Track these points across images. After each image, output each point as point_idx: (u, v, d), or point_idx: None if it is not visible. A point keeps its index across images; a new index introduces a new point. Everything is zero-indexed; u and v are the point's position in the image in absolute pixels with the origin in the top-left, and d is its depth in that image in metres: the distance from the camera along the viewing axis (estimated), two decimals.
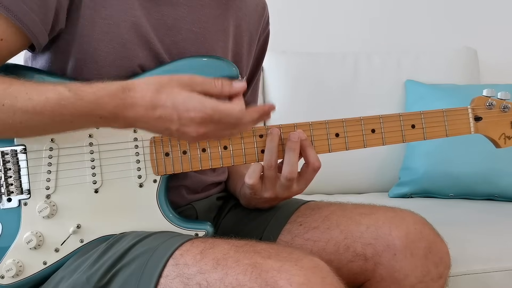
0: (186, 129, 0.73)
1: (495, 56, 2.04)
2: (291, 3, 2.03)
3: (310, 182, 0.88)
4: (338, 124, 0.88)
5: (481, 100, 0.94)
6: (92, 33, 0.82)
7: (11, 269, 0.79)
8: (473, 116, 0.94)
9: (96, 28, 0.81)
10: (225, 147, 0.86)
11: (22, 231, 0.80)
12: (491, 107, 0.94)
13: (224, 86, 0.76)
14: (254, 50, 1.05)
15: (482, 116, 0.94)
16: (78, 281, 0.76)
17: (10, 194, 0.81)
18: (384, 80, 1.81)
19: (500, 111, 0.94)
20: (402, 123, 0.90)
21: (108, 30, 0.82)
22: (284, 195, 0.88)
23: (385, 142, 0.90)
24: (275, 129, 0.87)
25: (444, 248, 0.86)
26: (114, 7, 0.83)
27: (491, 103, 0.94)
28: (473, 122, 0.93)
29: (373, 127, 0.89)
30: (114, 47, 0.83)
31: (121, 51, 0.83)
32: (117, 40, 0.83)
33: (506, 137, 0.94)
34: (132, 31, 0.84)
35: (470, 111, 0.94)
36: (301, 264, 0.67)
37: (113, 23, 0.82)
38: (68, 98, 0.72)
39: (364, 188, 1.77)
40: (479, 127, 0.94)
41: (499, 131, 0.94)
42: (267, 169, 0.85)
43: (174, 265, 0.72)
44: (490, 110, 0.94)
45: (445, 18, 2.09)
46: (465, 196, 1.62)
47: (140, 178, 0.83)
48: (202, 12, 0.92)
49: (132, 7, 0.84)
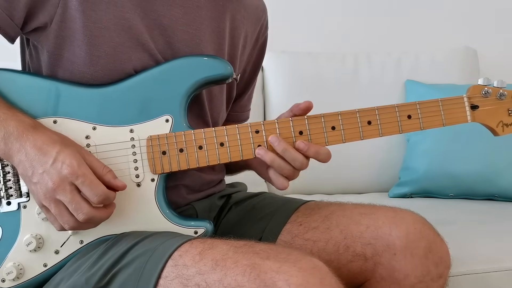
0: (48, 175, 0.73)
1: (495, 56, 2.04)
2: (291, 3, 2.03)
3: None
4: (334, 117, 0.88)
5: (476, 89, 0.93)
6: (83, 36, 0.82)
7: (11, 272, 0.79)
8: (469, 105, 0.92)
9: (86, 31, 0.82)
10: (221, 143, 0.85)
11: (22, 234, 0.80)
12: (487, 95, 0.93)
13: (109, 173, 0.77)
14: (248, 52, 1.05)
15: (478, 105, 0.93)
16: (78, 282, 0.76)
17: (9, 197, 0.81)
18: (384, 80, 1.81)
19: (496, 98, 0.93)
20: (398, 114, 0.90)
21: (99, 34, 0.82)
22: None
23: (381, 134, 0.89)
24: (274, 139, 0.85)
25: (444, 248, 0.86)
26: (103, 11, 0.83)
27: (487, 91, 0.93)
28: (469, 111, 0.92)
29: (369, 119, 0.89)
30: (105, 51, 0.83)
31: (112, 54, 0.83)
32: (108, 44, 0.83)
33: (504, 125, 0.93)
34: (123, 33, 0.84)
35: (466, 100, 0.92)
36: (299, 265, 0.67)
37: (103, 26, 0.82)
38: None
39: (364, 188, 1.76)
40: (476, 115, 0.93)
41: (496, 119, 0.93)
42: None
43: (173, 266, 0.72)
44: (486, 98, 0.93)
45: (445, 18, 2.09)
46: (465, 196, 1.62)
47: (138, 177, 0.83)
48: (198, 13, 0.92)
49: (123, 10, 0.84)
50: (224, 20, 0.96)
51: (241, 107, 1.11)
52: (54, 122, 0.81)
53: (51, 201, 0.74)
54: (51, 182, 0.73)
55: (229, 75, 0.87)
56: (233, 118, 1.11)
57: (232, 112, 1.09)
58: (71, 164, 0.73)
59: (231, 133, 0.86)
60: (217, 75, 0.86)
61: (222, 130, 0.85)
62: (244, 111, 1.13)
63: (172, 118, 0.84)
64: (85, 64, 0.82)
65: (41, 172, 0.74)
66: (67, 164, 0.73)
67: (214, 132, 0.85)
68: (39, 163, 0.74)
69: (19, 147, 0.75)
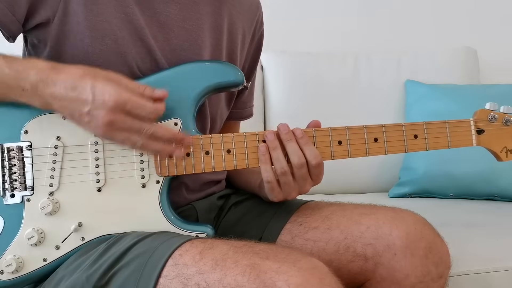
0: (96, 112, 0.74)
1: (495, 56, 2.04)
2: (291, 3, 2.03)
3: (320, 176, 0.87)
4: (341, 132, 0.89)
5: (483, 113, 0.95)
6: (85, 30, 0.82)
7: (11, 265, 0.79)
8: (475, 129, 0.94)
9: (88, 25, 0.82)
10: (228, 150, 0.86)
11: (24, 227, 0.80)
12: (493, 120, 0.94)
13: (146, 88, 0.78)
14: (247, 49, 1.05)
15: (484, 129, 0.94)
16: (78, 280, 0.76)
17: (13, 190, 0.81)
18: (384, 80, 1.81)
19: (502, 124, 0.95)
20: (405, 133, 0.91)
21: (100, 27, 0.83)
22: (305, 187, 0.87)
23: (387, 151, 0.90)
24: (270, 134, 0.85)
25: (444, 248, 0.86)
26: (105, 4, 0.83)
27: (494, 116, 0.94)
28: (475, 135, 0.94)
29: (376, 136, 0.90)
30: (107, 44, 0.83)
31: (113, 47, 0.84)
32: (110, 37, 0.83)
33: (508, 151, 0.95)
34: (124, 28, 0.84)
35: (473, 124, 0.94)
36: (299, 265, 0.67)
37: (105, 20, 0.83)
38: (0, 65, 0.76)
39: (364, 188, 1.77)
40: (481, 139, 0.94)
41: (501, 144, 0.95)
42: (282, 175, 0.85)
43: (173, 265, 0.72)
44: (492, 123, 0.95)
45: (445, 18, 2.09)
46: (465, 196, 1.62)
47: (143, 178, 0.83)
48: (195, 8, 0.92)
49: (124, 4, 0.85)
50: (222, 16, 0.96)
51: (243, 103, 1.11)
52: (63, 117, 0.81)
53: (112, 133, 0.76)
54: (102, 118, 0.74)
55: (240, 82, 0.87)
56: (236, 115, 1.11)
57: (234, 110, 1.09)
58: (111, 94, 0.73)
59: (238, 140, 0.86)
60: (228, 81, 0.87)
61: (229, 137, 0.86)
62: (245, 107, 1.13)
63: (180, 122, 0.84)
64: (88, 58, 0.83)
65: (87, 111, 0.74)
66: (108, 95, 0.73)
67: (222, 138, 0.85)
68: (80, 104, 0.74)
69: (51, 93, 0.75)
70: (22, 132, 0.81)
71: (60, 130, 0.82)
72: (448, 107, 1.64)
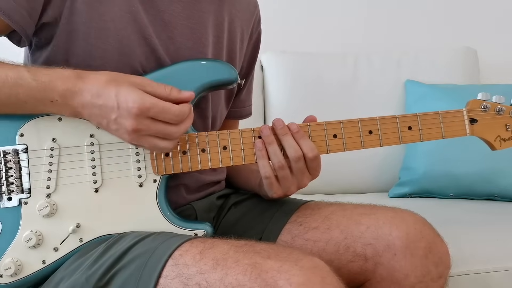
0: (122, 120, 0.74)
1: (495, 56, 2.04)
2: (291, 3, 2.03)
3: (318, 169, 0.88)
4: (336, 126, 0.89)
5: (476, 103, 0.96)
6: (89, 29, 0.82)
7: (9, 268, 0.79)
8: (469, 119, 0.95)
9: (92, 24, 0.82)
10: (224, 147, 0.86)
11: (22, 230, 0.80)
12: (486, 110, 0.95)
13: (172, 90, 0.78)
14: (245, 48, 1.05)
15: (477, 119, 0.95)
16: (78, 281, 0.76)
17: (10, 193, 0.81)
18: (384, 80, 1.81)
19: (494, 113, 0.96)
20: (399, 124, 0.91)
21: (105, 26, 0.83)
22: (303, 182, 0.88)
23: (382, 144, 0.91)
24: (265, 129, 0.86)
25: (444, 248, 0.86)
26: (109, 3, 0.83)
27: (486, 105, 0.95)
28: (468, 124, 0.95)
29: (370, 128, 0.90)
30: (111, 44, 0.83)
31: (118, 47, 0.83)
32: (114, 37, 0.83)
33: (502, 139, 0.96)
34: (128, 27, 0.84)
35: (466, 114, 0.95)
36: (300, 264, 0.67)
37: (109, 19, 0.83)
38: (26, 78, 0.75)
39: (364, 188, 1.76)
40: (474, 129, 0.95)
41: (494, 134, 0.96)
42: (280, 170, 0.85)
43: (173, 265, 0.72)
44: (485, 112, 0.95)
45: (445, 18, 2.09)
46: (465, 196, 1.62)
47: (140, 177, 0.83)
48: (198, 7, 0.92)
49: (129, 3, 0.85)
50: (223, 14, 0.97)
51: (241, 102, 1.12)
52: (59, 119, 0.81)
53: (139, 140, 0.76)
54: (129, 125, 0.74)
55: (234, 80, 0.87)
56: (235, 114, 1.11)
57: (233, 108, 1.09)
58: (134, 101, 0.73)
59: (234, 137, 0.86)
60: (222, 79, 0.87)
61: (225, 134, 0.86)
62: (244, 106, 1.13)
63: None
64: (92, 58, 0.83)
65: (114, 118, 0.75)
66: (131, 102, 0.73)
67: (218, 135, 0.86)
68: (107, 111, 0.75)
69: (79, 102, 0.76)
70: (17, 135, 0.81)
71: (55, 132, 0.82)
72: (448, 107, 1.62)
